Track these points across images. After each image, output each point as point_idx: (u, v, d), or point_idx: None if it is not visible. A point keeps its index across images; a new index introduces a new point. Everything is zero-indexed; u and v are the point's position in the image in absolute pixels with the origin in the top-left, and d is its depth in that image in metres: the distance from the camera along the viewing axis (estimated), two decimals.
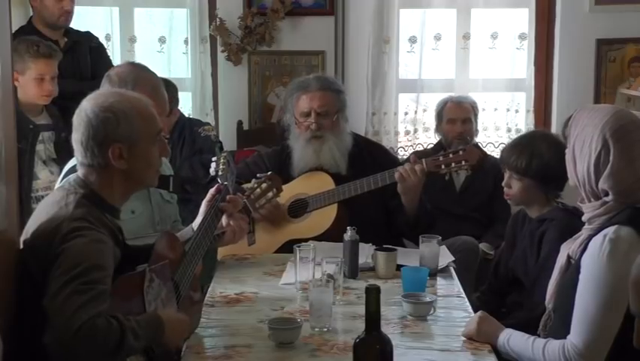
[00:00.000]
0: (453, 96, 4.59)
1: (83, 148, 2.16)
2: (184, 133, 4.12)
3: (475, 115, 4.50)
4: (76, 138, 2.17)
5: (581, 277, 2.16)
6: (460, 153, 3.23)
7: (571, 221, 2.69)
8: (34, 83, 3.71)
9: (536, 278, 2.78)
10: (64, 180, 2.37)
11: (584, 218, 2.28)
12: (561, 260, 2.36)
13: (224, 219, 2.66)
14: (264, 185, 3.26)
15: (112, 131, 2.14)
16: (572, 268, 2.25)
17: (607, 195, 2.19)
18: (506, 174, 3.00)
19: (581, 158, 2.22)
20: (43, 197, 3.47)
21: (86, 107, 2.17)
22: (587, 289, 2.14)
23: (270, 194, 3.27)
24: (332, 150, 3.43)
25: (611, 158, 2.16)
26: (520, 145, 2.98)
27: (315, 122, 3.42)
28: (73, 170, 2.37)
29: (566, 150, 2.29)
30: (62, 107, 3.83)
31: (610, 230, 2.14)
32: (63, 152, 3.69)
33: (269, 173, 3.31)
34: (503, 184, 3.02)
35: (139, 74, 2.82)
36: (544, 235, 2.87)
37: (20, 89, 3.63)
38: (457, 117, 4.41)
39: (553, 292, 2.36)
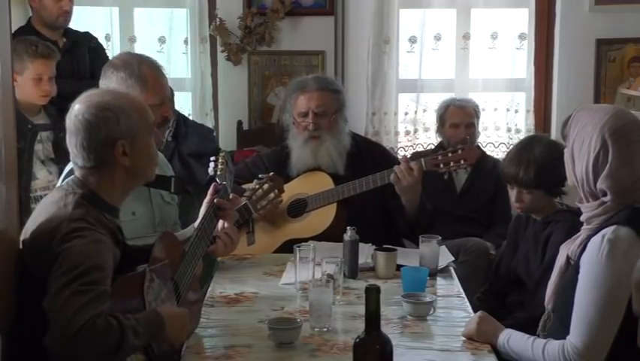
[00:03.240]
0: (455, 99, 4.57)
1: (85, 151, 2.14)
2: (180, 129, 4.14)
3: (478, 118, 4.49)
4: (77, 142, 2.15)
5: (579, 277, 2.16)
6: (459, 152, 3.23)
7: (576, 222, 2.67)
8: (32, 83, 3.71)
9: (540, 280, 2.76)
10: (65, 180, 2.37)
11: (582, 218, 2.28)
12: (560, 261, 2.36)
13: (220, 222, 2.68)
14: (265, 186, 3.25)
15: (114, 129, 2.14)
16: (572, 269, 2.25)
17: (605, 195, 2.19)
18: (514, 191, 2.95)
19: (579, 158, 2.21)
20: (41, 197, 3.47)
21: (81, 110, 2.15)
22: (586, 290, 2.13)
23: (272, 195, 3.27)
24: (329, 150, 3.43)
25: (609, 158, 2.16)
26: (525, 159, 2.90)
27: (312, 123, 3.42)
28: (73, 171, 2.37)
29: (565, 150, 2.29)
30: (61, 107, 3.81)
31: (608, 230, 2.14)
32: (61, 152, 3.69)
33: (271, 174, 3.30)
34: (514, 201, 2.96)
35: (140, 56, 2.88)
36: (550, 237, 2.85)
37: (18, 89, 3.62)
38: (461, 122, 4.39)
39: (552, 292, 2.36)
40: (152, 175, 2.31)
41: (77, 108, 2.16)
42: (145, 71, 2.78)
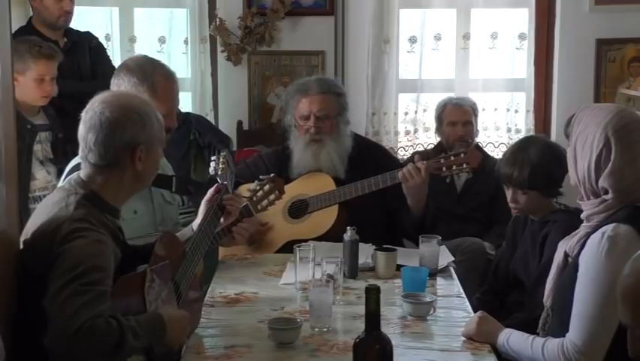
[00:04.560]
0: (452, 98, 4.58)
1: (104, 148, 2.13)
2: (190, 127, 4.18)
3: (476, 116, 4.50)
4: (96, 138, 2.13)
5: (579, 274, 2.16)
6: (462, 155, 3.23)
7: (573, 222, 2.67)
8: (34, 83, 3.70)
9: (538, 279, 2.76)
10: (66, 179, 2.37)
11: (582, 216, 2.28)
12: (558, 257, 2.36)
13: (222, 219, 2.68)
14: (266, 187, 3.24)
15: (139, 133, 2.15)
16: (570, 266, 2.25)
17: (607, 193, 2.19)
18: (509, 191, 2.95)
19: (582, 156, 2.22)
20: (40, 197, 3.48)
21: (108, 108, 2.13)
22: (585, 287, 2.13)
23: (273, 196, 3.26)
24: (330, 154, 3.42)
25: (612, 156, 2.16)
26: (520, 160, 2.89)
27: (314, 126, 3.41)
28: (76, 168, 2.37)
29: (568, 149, 2.29)
30: (60, 107, 3.83)
31: (608, 228, 2.14)
32: (60, 152, 3.69)
33: (271, 175, 3.29)
34: (509, 201, 2.96)
35: (157, 63, 2.87)
36: (547, 236, 2.85)
37: (19, 89, 3.61)
38: (458, 120, 4.40)
39: (551, 289, 2.36)
40: (149, 183, 2.33)
41: (102, 106, 2.14)
42: (159, 80, 2.77)
